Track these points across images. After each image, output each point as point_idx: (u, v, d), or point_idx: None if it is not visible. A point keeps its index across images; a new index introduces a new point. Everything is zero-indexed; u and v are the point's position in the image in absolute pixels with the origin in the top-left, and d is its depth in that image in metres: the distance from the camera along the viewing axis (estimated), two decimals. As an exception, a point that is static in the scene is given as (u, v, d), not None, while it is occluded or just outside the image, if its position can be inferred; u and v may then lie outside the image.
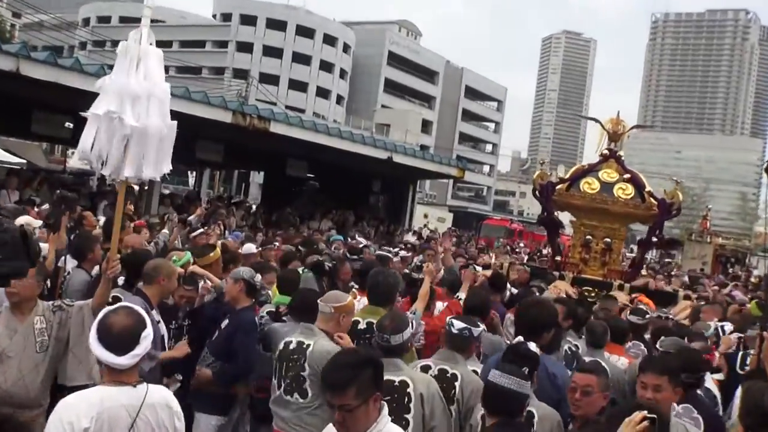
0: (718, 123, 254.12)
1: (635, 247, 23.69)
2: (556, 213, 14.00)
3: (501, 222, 55.57)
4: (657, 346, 6.81)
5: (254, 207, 28.01)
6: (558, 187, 13.28)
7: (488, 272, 11.46)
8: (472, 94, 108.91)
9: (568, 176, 13.64)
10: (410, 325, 5.45)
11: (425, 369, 5.49)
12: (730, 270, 39.07)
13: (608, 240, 13.11)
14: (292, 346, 5.75)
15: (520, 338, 5.54)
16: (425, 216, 50.85)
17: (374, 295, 6.91)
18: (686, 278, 22.42)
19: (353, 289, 8.70)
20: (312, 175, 27.23)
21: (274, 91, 68.54)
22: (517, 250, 34.97)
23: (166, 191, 25.52)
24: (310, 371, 5.58)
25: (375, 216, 29.96)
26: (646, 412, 3.53)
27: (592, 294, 12.09)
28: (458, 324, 5.75)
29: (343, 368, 3.62)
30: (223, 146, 23.07)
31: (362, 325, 6.58)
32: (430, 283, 7.97)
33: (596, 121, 14.05)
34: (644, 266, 15.45)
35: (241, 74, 70.90)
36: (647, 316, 8.58)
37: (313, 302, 6.02)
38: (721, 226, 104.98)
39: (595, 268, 13.20)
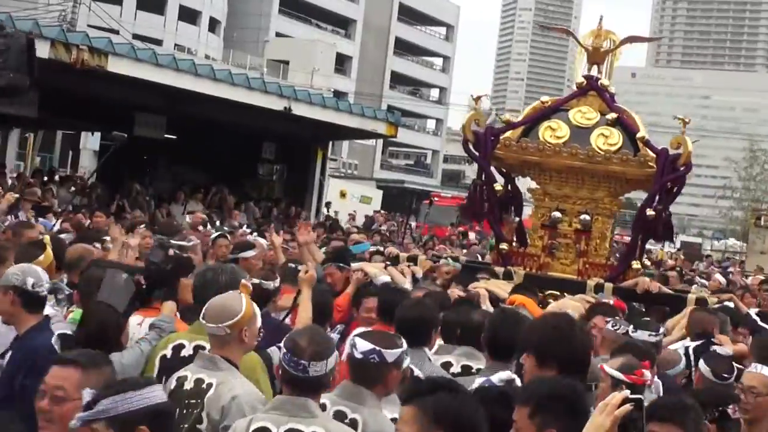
0: (762, 58, 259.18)
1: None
2: (507, 178, 13.39)
3: (453, 201, 55.81)
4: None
5: (90, 183, 27.77)
6: (504, 136, 12.43)
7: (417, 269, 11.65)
8: (410, 15, 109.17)
9: (520, 119, 12.99)
10: (335, 349, 5.41)
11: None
12: None
13: (586, 217, 12.12)
14: (187, 386, 5.68)
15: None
16: (342, 194, 50.85)
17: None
18: (719, 277, 22.11)
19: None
20: (173, 137, 27.03)
21: (116, 14, 67.72)
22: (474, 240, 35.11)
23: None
24: (208, 425, 5.52)
25: (267, 195, 29.93)
26: (628, 392, 3.88)
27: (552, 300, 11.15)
28: (363, 345, 5.56)
29: None
30: (37, 94, 22.72)
31: (188, 351, 6.44)
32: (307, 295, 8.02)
33: (569, 34, 13.96)
34: (643, 256, 14.13)
35: (66, -11, 69.90)
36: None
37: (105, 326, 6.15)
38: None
39: (567, 262, 12.33)
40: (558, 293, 11.27)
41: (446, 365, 7.28)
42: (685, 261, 35.35)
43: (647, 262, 16.82)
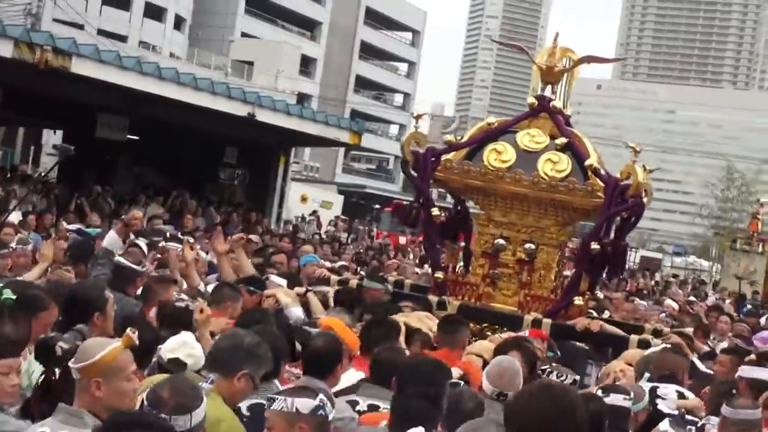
0: (728, 73, 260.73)
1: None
2: (456, 200, 12.99)
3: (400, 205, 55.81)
4: None
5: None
6: (448, 156, 11.85)
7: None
8: (377, 19, 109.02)
9: (466, 139, 12.23)
10: (202, 401, 4.97)
11: None
12: None
13: (531, 246, 11.54)
14: None
15: None
16: (303, 199, 50.91)
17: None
18: (671, 302, 20.93)
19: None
20: (134, 137, 27.03)
21: (81, 8, 67.43)
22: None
23: None
24: None
25: (228, 199, 29.95)
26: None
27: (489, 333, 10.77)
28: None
29: None
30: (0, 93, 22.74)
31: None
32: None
33: (520, 48, 13.29)
34: (595, 289, 13.21)
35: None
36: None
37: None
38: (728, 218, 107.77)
39: (508, 293, 11.66)
40: (490, 326, 10.94)
41: (353, 403, 6.93)
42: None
43: (600, 295, 16.17)
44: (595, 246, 11.19)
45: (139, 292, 9.85)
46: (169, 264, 11.81)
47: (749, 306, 26.03)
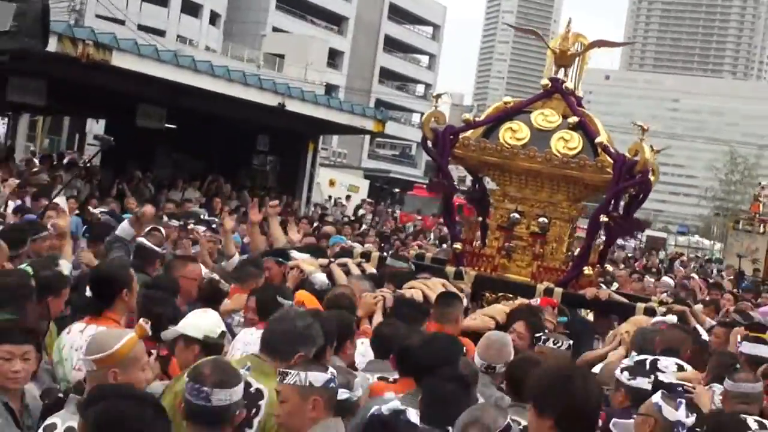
0: (729, 63, 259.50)
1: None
2: (474, 177, 12.93)
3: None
4: None
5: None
6: (466, 134, 11.74)
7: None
8: (399, 14, 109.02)
9: (483, 118, 12.15)
10: (242, 382, 4.92)
11: None
12: None
13: (543, 220, 11.41)
14: None
15: None
16: (332, 183, 50.87)
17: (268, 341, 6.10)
18: (667, 279, 20.71)
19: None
20: (172, 126, 26.95)
21: (122, 5, 67.40)
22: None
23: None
24: None
25: (261, 184, 29.87)
26: None
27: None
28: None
29: None
30: (45, 84, 22.62)
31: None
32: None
33: (537, 35, 13.08)
34: (605, 260, 13.15)
35: (75, -20, 69.56)
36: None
37: None
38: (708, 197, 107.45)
39: (522, 264, 11.56)
40: (505, 295, 10.86)
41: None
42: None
43: (609, 267, 16.11)
44: (604, 218, 11.21)
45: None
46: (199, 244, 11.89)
47: (746, 282, 25.98)
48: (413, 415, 4.98)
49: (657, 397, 5.69)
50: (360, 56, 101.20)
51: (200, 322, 6.20)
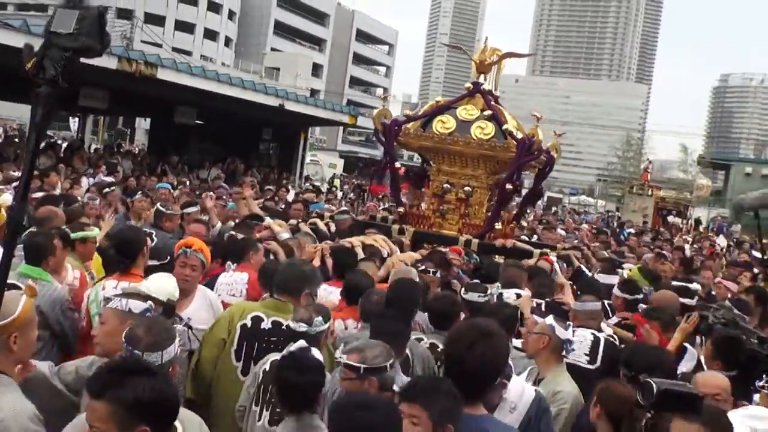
0: (606, 68, 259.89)
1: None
2: (423, 158, 12.54)
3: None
4: None
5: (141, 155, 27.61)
6: (407, 126, 11.62)
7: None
8: (364, 37, 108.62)
9: (420, 113, 11.98)
10: (175, 340, 4.00)
11: None
12: (671, 221, 37.91)
13: (468, 188, 11.39)
14: None
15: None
16: (315, 160, 50.93)
17: (279, 283, 5.74)
18: (560, 231, 19.57)
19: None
20: (200, 122, 26.94)
21: (160, 33, 66.82)
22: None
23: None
24: None
25: (266, 164, 29.92)
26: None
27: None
28: None
29: None
30: (108, 93, 22.60)
31: (266, 324, 5.52)
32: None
33: (459, 49, 12.95)
34: (519, 218, 12.88)
35: (124, 14, 68.75)
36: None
37: None
38: (607, 169, 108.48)
39: (452, 223, 11.51)
40: (431, 246, 10.48)
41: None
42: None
43: (524, 223, 16.25)
44: (509, 186, 11.14)
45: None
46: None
47: (629, 231, 26.22)
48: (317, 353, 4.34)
49: (550, 319, 5.40)
50: (335, 68, 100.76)
51: (164, 286, 5.05)
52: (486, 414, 4.03)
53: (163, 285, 4.99)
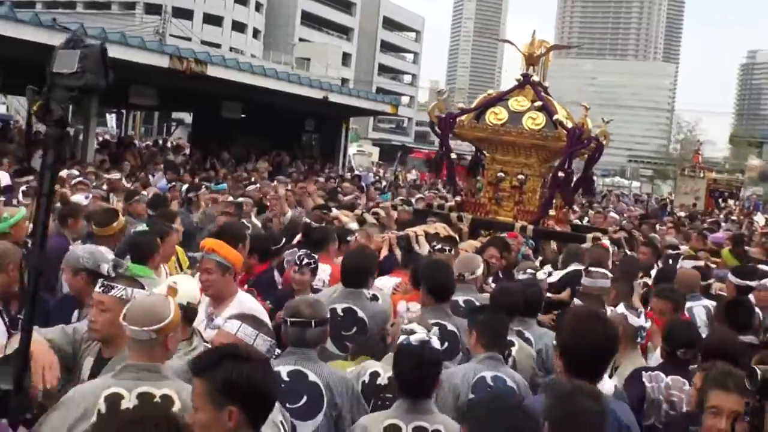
0: (632, 49, 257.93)
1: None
2: (476, 148, 12.86)
3: (429, 155, 55.63)
4: None
5: (186, 150, 27.82)
6: (461, 118, 11.96)
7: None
8: (390, 24, 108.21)
9: (473, 106, 12.29)
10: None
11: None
12: (723, 204, 37.56)
13: (521, 177, 11.69)
14: (127, 404, 3.63)
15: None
16: (361, 150, 51.12)
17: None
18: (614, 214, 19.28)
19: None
20: (245, 116, 27.12)
21: (188, 26, 67.06)
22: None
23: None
24: None
25: (309, 155, 30.06)
26: None
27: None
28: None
29: None
30: (157, 90, 22.81)
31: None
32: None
33: (511, 43, 13.00)
34: (566, 206, 13.06)
35: (152, 9, 69.15)
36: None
37: None
38: (637, 149, 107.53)
39: (508, 209, 11.80)
40: (488, 232, 11.00)
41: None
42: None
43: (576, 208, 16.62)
44: (561, 174, 11.46)
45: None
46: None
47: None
48: (436, 343, 4.32)
49: (621, 308, 5.46)
50: (363, 56, 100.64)
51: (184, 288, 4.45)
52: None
53: (183, 287, 4.34)
